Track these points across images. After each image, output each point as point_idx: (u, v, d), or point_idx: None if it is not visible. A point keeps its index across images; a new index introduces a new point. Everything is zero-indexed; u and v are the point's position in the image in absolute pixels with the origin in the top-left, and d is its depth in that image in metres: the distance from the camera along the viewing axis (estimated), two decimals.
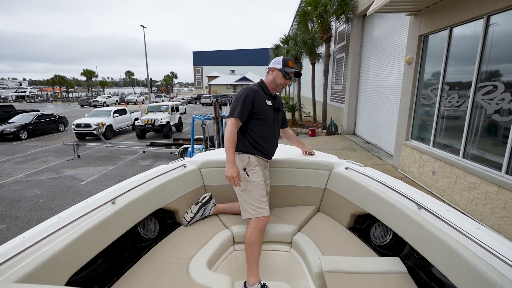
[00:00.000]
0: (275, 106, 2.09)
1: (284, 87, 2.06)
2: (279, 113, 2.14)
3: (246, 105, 1.91)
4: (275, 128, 2.11)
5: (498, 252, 1.07)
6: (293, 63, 2.03)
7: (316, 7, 9.92)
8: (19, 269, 1.07)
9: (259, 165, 1.99)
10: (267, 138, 2.03)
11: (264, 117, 1.98)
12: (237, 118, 1.90)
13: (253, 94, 1.94)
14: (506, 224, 3.25)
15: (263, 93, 2.03)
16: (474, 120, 3.90)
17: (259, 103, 1.96)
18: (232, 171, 1.80)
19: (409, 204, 1.54)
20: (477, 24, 3.83)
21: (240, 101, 1.91)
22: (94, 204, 1.49)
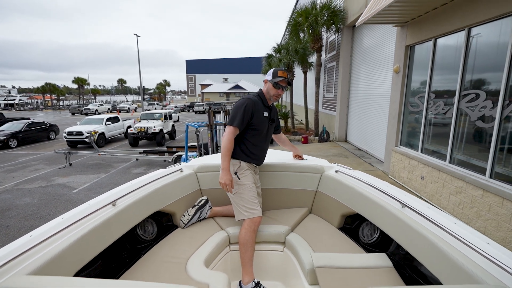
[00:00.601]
0: (271, 117, 2.16)
1: (278, 97, 2.11)
2: (273, 124, 2.22)
3: (245, 115, 1.98)
4: (267, 138, 2.20)
5: (471, 243, 1.17)
6: (283, 72, 2.06)
7: (307, 18, 10.21)
8: (29, 264, 1.14)
9: (249, 169, 2.08)
10: (259, 147, 2.12)
11: (259, 128, 2.05)
12: (236, 128, 1.97)
13: (253, 105, 2.01)
14: (491, 226, 3.38)
15: (262, 104, 2.09)
16: (459, 126, 4.07)
17: (257, 115, 2.03)
18: (226, 178, 1.89)
19: (394, 203, 1.64)
20: (459, 36, 4.04)
21: (241, 111, 1.97)
22: (95, 206, 1.55)
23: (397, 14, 4.85)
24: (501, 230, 3.24)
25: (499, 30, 3.39)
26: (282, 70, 2.07)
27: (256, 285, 1.79)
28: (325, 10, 9.72)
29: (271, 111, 2.17)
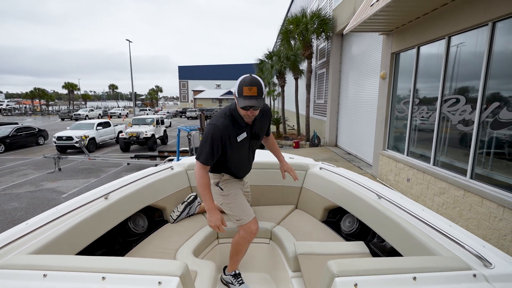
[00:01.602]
0: (253, 133, 1.79)
1: (250, 117, 1.64)
2: (258, 140, 1.89)
3: (214, 148, 1.65)
4: (250, 154, 1.90)
5: (435, 225, 1.31)
6: (251, 89, 1.52)
7: (297, 25, 10.45)
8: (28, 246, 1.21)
9: (230, 178, 1.90)
10: (240, 166, 1.89)
11: (237, 152, 1.77)
12: (203, 165, 1.68)
13: (221, 134, 1.63)
14: (472, 225, 3.52)
15: (235, 127, 1.68)
16: (442, 130, 4.25)
17: (230, 142, 1.68)
18: (215, 219, 1.65)
19: (371, 195, 1.76)
20: (440, 44, 4.25)
21: (207, 144, 1.64)
22: (88, 198, 1.62)
23: (382, 23, 5.07)
24: (481, 228, 3.38)
25: (475, 39, 3.60)
26: (249, 86, 1.52)
27: (236, 275, 1.88)
28: (315, 19, 9.98)
29: (253, 127, 1.77)
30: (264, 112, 1.84)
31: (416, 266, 0.98)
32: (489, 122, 3.38)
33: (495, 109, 3.28)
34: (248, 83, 1.52)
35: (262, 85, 1.57)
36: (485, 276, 0.98)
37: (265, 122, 1.88)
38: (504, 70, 3.23)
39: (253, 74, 1.60)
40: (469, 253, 1.10)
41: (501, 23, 3.24)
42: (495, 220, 3.17)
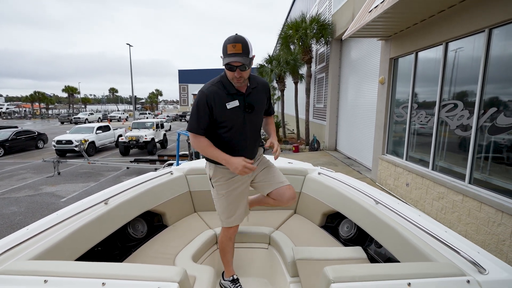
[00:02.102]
0: (247, 103, 1.60)
1: (239, 80, 1.54)
2: (253, 111, 1.64)
3: (200, 115, 1.57)
4: (247, 133, 1.65)
5: (431, 231, 1.32)
6: (234, 46, 1.44)
7: (297, 30, 10.54)
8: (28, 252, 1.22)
9: (224, 177, 1.72)
10: (235, 148, 1.65)
11: (228, 124, 1.60)
12: (194, 134, 1.60)
13: (206, 100, 1.55)
14: (471, 230, 3.52)
15: (225, 92, 1.58)
16: (440, 135, 4.27)
17: (218, 108, 1.57)
18: (237, 163, 1.54)
19: (369, 200, 1.77)
20: (438, 49, 4.29)
21: (193, 111, 1.59)
22: (88, 203, 1.63)
23: (380, 29, 5.12)
24: (480, 233, 3.39)
25: (473, 45, 3.64)
26: (233, 43, 1.44)
27: (234, 280, 1.88)
28: (314, 24, 10.07)
29: (246, 95, 1.62)
30: (259, 83, 1.71)
31: (411, 272, 1.00)
32: (487, 127, 3.40)
33: (493, 114, 3.30)
34: (233, 40, 1.45)
35: (248, 43, 1.47)
36: (479, 282, 0.99)
37: (261, 94, 1.71)
38: (501, 76, 3.26)
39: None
40: (463, 259, 1.11)
41: (497, 30, 3.28)
42: (494, 225, 3.18)
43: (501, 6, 3.10)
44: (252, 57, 1.52)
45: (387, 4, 3.89)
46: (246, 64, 1.47)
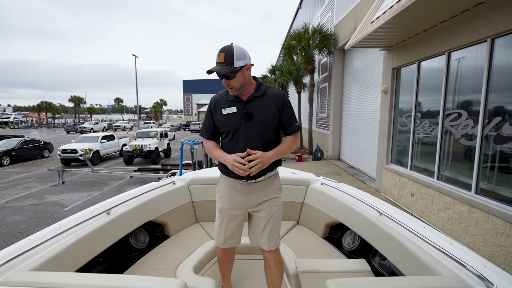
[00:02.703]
0: (246, 111, 1.56)
1: (231, 90, 1.57)
2: (252, 120, 1.56)
3: (206, 120, 1.69)
4: (241, 142, 1.57)
5: (436, 243, 1.30)
6: (218, 57, 1.48)
7: (300, 41, 10.67)
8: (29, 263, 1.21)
9: (223, 190, 1.67)
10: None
11: (224, 130, 1.62)
12: (204, 139, 1.72)
13: (209, 106, 1.69)
14: (479, 241, 3.44)
15: (225, 99, 1.63)
16: (445, 144, 4.23)
17: (216, 114, 1.64)
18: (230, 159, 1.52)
19: (372, 211, 1.75)
20: (440, 59, 4.31)
21: (205, 117, 1.72)
22: (90, 213, 1.63)
23: (383, 39, 5.16)
24: (488, 245, 3.31)
25: (475, 55, 3.64)
26: (218, 53, 1.49)
27: None
28: (317, 34, 10.19)
29: (247, 103, 1.58)
30: (269, 93, 1.62)
31: (417, 286, 0.97)
32: (492, 136, 3.36)
33: (498, 123, 3.27)
34: (219, 50, 1.49)
35: (234, 53, 1.46)
36: None
37: (268, 104, 1.59)
38: (505, 85, 3.24)
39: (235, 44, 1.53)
40: (470, 273, 1.08)
41: (499, 39, 3.29)
42: (502, 237, 3.11)
43: (502, 16, 3.12)
44: (240, 67, 1.49)
45: (389, 15, 3.93)
46: (227, 73, 1.47)
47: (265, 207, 1.63)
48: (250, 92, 1.61)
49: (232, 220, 1.66)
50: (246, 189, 1.63)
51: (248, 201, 1.64)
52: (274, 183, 1.68)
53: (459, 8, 3.58)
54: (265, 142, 1.60)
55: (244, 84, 1.56)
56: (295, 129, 1.66)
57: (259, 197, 1.63)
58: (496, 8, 3.19)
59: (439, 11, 3.70)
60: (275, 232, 1.62)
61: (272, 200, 1.64)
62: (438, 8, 3.61)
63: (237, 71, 1.49)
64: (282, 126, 1.65)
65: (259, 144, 1.57)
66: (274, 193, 1.65)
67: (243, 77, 1.53)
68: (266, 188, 1.65)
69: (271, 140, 1.62)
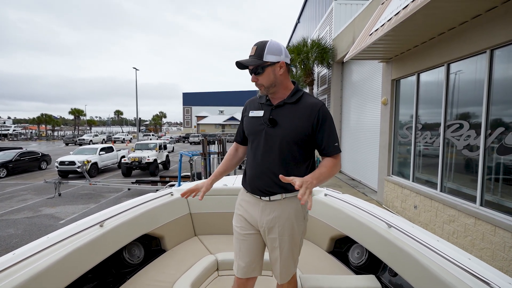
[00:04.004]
0: (270, 117, 1.38)
1: (259, 87, 1.39)
2: (276, 127, 1.36)
3: (240, 122, 1.60)
4: (260, 149, 1.39)
5: (453, 259, 1.21)
6: (251, 49, 1.36)
7: (299, 54, 10.80)
8: (10, 281, 1.11)
9: (239, 204, 1.51)
10: (250, 163, 1.46)
11: (248, 133, 1.48)
12: (235, 142, 1.63)
13: (245, 106, 1.57)
14: (486, 255, 3.33)
15: (258, 102, 1.49)
16: (447, 155, 4.18)
17: (246, 116, 1.52)
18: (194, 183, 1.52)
19: (380, 224, 1.66)
20: (439, 70, 4.32)
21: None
22: (82, 226, 1.54)
23: (381, 51, 5.20)
24: (496, 259, 3.20)
25: (475, 66, 3.65)
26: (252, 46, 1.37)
27: None
28: (316, 48, 10.33)
29: (275, 108, 1.40)
30: (304, 101, 1.38)
31: None
32: (495, 147, 3.32)
33: (500, 134, 3.23)
34: (254, 45, 1.36)
35: (266, 47, 1.31)
36: None
37: (299, 115, 1.35)
38: (506, 96, 3.23)
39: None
40: None
41: (498, 51, 3.30)
42: (511, 251, 3.00)
43: (500, 27, 3.14)
44: (272, 62, 1.32)
45: (387, 27, 3.97)
46: (255, 67, 1.32)
47: (279, 235, 1.37)
48: (283, 97, 1.40)
49: (244, 241, 1.44)
50: (260, 207, 1.41)
51: (259, 220, 1.40)
52: (292, 207, 1.38)
53: (457, 20, 3.62)
54: (285, 157, 1.36)
55: (275, 84, 1.36)
56: (334, 150, 1.35)
57: (273, 220, 1.37)
58: (494, 20, 3.22)
59: (437, 23, 3.73)
60: (289, 264, 1.41)
61: (289, 228, 1.37)
62: (436, 20, 3.64)
63: (266, 66, 1.32)
64: (318, 145, 1.38)
65: (276, 158, 1.36)
66: (293, 219, 1.37)
67: (274, 75, 1.34)
68: (282, 212, 1.37)
69: (295, 156, 1.37)
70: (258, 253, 1.45)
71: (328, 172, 1.30)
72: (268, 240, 1.41)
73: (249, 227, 1.45)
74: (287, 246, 1.38)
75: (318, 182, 1.23)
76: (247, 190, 1.46)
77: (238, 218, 1.48)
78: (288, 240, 1.38)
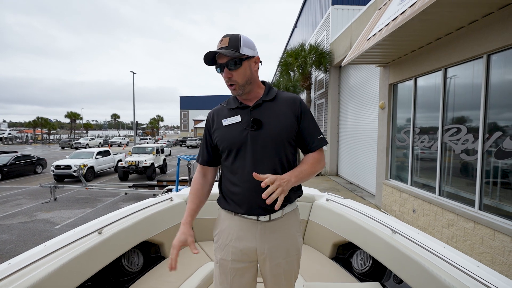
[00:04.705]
0: (252, 119, 1.19)
1: (232, 86, 1.20)
2: (262, 129, 1.18)
3: (203, 141, 1.30)
4: (253, 158, 1.17)
5: (462, 266, 1.18)
6: (220, 42, 1.16)
7: (296, 58, 10.85)
8: None
9: (226, 232, 1.23)
10: (236, 179, 1.20)
11: (224, 146, 1.23)
12: (199, 164, 1.31)
13: (210, 119, 1.31)
14: (486, 260, 3.33)
15: (227, 108, 1.27)
16: (445, 159, 4.19)
17: (215, 128, 1.27)
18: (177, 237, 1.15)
19: (384, 230, 1.64)
20: (437, 75, 4.35)
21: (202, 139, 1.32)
22: (80, 233, 1.50)
23: (379, 56, 5.24)
24: (496, 263, 3.19)
25: (472, 70, 3.68)
26: (220, 39, 1.18)
27: None
28: (313, 52, 10.39)
29: (252, 109, 1.22)
30: (281, 97, 1.26)
31: None
32: (492, 151, 3.33)
33: (498, 138, 3.25)
34: (222, 36, 1.17)
35: (240, 39, 1.16)
36: None
37: (283, 110, 1.22)
38: (503, 100, 3.25)
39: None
40: None
41: (495, 56, 3.33)
42: (510, 255, 3.00)
43: (497, 33, 3.17)
44: (248, 56, 1.17)
45: (385, 32, 3.99)
46: (232, 59, 1.13)
47: (283, 260, 1.20)
48: (258, 96, 1.25)
49: (238, 277, 1.20)
50: (258, 231, 1.19)
51: (260, 248, 1.19)
52: (294, 222, 1.25)
53: (454, 26, 3.65)
54: (282, 161, 1.20)
55: (251, 82, 1.20)
56: (320, 143, 1.24)
57: (274, 243, 1.19)
58: (490, 26, 3.25)
59: (434, 28, 3.77)
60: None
61: (292, 249, 1.22)
62: (433, 26, 3.67)
63: (244, 59, 1.16)
64: (303, 140, 1.24)
65: (274, 164, 1.18)
66: (294, 237, 1.23)
67: (250, 71, 1.19)
68: (284, 230, 1.21)
69: (289, 158, 1.22)
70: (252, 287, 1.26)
71: (310, 169, 1.18)
72: (272, 271, 1.21)
73: (244, 258, 1.21)
74: (294, 270, 1.25)
75: (297, 180, 1.11)
76: (236, 212, 1.21)
77: (228, 249, 1.20)
78: (296, 260, 1.25)
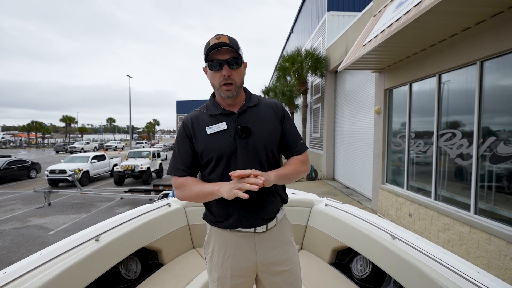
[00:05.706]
0: (239, 126, 1.14)
1: (228, 87, 1.12)
2: (251, 137, 1.14)
3: (180, 147, 1.18)
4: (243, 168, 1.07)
5: (463, 272, 1.19)
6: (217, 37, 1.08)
7: (293, 63, 10.93)
8: None
9: (221, 249, 1.19)
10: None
11: (210, 157, 1.14)
12: (174, 177, 1.17)
13: (184, 128, 1.19)
14: (482, 264, 3.35)
15: (207, 114, 1.18)
16: (441, 164, 4.23)
17: (197, 137, 1.16)
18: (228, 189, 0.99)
19: (384, 235, 1.64)
20: (431, 81, 4.41)
21: (174, 149, 1.21)
22: (77, 241, 1.48)
23: (374, 61, 5.30)
24: (492, 268, 3.21)
25: (466, 76, 3.74)
26: (216, 36, 1.09)
27: None
28: (309, 58, 10.48)
29: (238, 116, 1.17)
30: (264, 102, 1.24)
31: None
32: (487, 156, 3.38)
33: (492, 143, 3.30)
34: (216, 35, 1.10)
35: (236, 41, 1.12)
36: None
37: (267, 115, 1.20)
38: (496, 105, 3.31)
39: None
40: None
41: (488, 62, 3.40)
42: (506, 259, 3.03)
43: (490, 40, 3.24)
44: (242, 59, 1.15)
45: (381, 38, 4.05)
46: (235, 57, 1.09)
47: (285, 267, 1.19)
48: (241, 102, 1.20)
49: None
50: (255, 243, 1.16)
51: (260, 260, 1.16)
52: (286, 227, 1.27)
53: (448, 33, 3.72)
54: (271, 167, 1.18)
55: (242, 85, 1.18)
56: (302, 148, 1.24)
57: (273, 252, 1.18)
58: (483, 33, 3.32)
59: (429, 35, 3.83)
60: None
61: (291, 255, 1.23)
62: (427, 33, 3.74)
63: (242, 60, 1.14)
64: (285, 144, 1.23)
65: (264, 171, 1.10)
66: (289, 242, 1.25)
67: (243, 74, 1.18)
68: (280, 237, 1.21)
69: (277, 164, 1.22)
70: None
71: (294, 170, 1.17)
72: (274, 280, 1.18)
73: (244, 273, 1.17)
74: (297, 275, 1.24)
75: (277, 179, 1.09)
76: (231, 228, 1.16)
77: (227, 267, 1.16)
78: (297, 266, 1.24)
